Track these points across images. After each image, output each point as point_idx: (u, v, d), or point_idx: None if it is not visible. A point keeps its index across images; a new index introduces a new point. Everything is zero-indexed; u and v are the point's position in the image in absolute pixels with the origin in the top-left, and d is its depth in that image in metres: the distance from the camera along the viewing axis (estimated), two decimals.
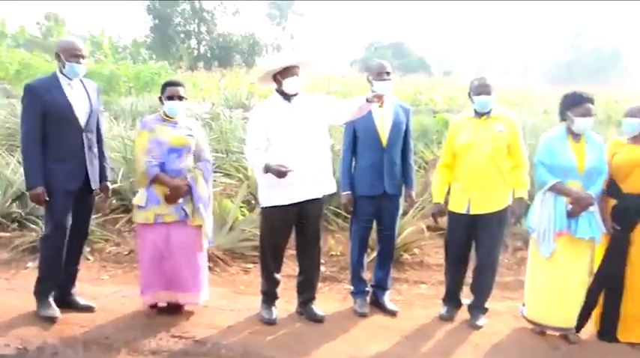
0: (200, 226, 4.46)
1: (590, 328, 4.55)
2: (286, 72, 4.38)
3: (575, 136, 4.41)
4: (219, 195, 6.20)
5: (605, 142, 4.60)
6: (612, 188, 4.41)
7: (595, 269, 4.55)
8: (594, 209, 4.35)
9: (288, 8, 49.12)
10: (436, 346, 4.31)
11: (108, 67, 22.92)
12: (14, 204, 6.14)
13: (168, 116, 4.46)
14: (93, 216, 5.79)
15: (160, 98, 4.48)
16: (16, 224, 6.04)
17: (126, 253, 5.70)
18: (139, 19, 38.60)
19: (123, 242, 5.90)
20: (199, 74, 20.50)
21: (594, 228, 4.35)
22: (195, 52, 36.54)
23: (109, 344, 3.99)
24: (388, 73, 4.74)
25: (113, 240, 5.92)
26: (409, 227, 5.99)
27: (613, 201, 4.40)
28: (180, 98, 4.47)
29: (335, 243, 6.09)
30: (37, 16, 38.14)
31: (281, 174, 4.18)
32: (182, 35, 37.80)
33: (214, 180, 6.55)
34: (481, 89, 4.51)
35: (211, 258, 5.53)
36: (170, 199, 4.37)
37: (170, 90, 4.45)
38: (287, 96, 4.43)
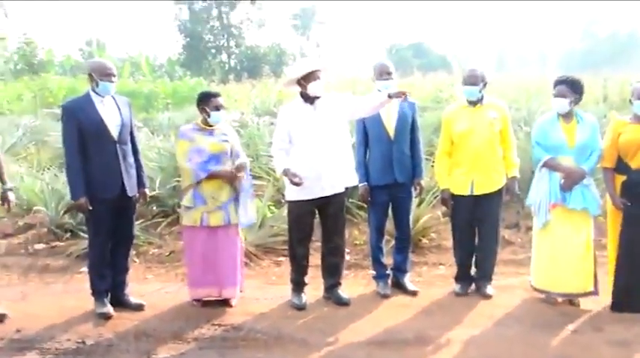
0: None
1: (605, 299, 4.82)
2: (309, 77, 4.77)
3: (566, 117, 4.78)
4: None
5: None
6: (621, 165, 4.70)
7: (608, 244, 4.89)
8: (589, 182, 4.72)
9: (310, 19, 49.97)
10: (453, 319, 4.67)
11: (147, 85, 23.89)
12: (66, 215, 6.69)
13: (205, 125, 4.88)
14: (137, 222, 6.36)
15: (204, 109, 4.85)
16: (69, 233, 6.59)
17: (167, 254, 6.21)
18: (172, 39, 40.10)
19: (164, 244, 6.40)
20: (231, 86, 21.17)
21: (588, 199, 4.71)
22: (227, 65, 37.48)
23: (156, 335, 4.45)
24: (389, 73, 5.13)
25: (155, 243, 6.43)
26: (426, 214, 6.36)
27: (622, 178, 4.69)
28: (223, 107, 4.93)
29: (359, 233, 6.50)
30: (80, 42, 39.87)
31: (293, 183, 4.64)
32: (213, 51, 38.96)
33: None
34: (468, 80, 4.94)
35: (245, 253, 6.01)
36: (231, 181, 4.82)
37: (215, 101, 4.85)
38: (309, 99, 4.83)
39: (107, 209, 4.73)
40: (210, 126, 4.89)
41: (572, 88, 4.76)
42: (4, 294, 5.21)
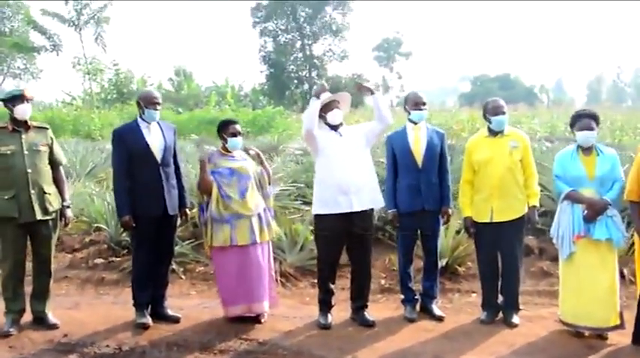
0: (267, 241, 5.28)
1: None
2: (327, 107, 5.12)
3: (585, 151, 4.82)
4: (292, 221, 6.96)
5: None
6: None
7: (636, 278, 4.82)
8: (612, 213, 4.71)
9: (395, 50, 50.37)
10: (473, 345, 4.74)
11: (228, 114, 24.96)
12: (124, 233, 7.14)
13: (227, 150, 5.23)
14: (187, 242, 6.79)
15: (222, 135, 5.23)
16: (126, 250, 7.04)
17: (212, 272, 6.53)
18: (257, 69, 42.09)
19: (211, 263, 6.75)
20: None
21: (612, 229, 4.69)
22: (308, 95, 38.53)
23: (186, 346, 4.76)
24: (424, 104, 5.33)
25: (203, 261, 6.79)
26: (464, 243, 6.42)
27: None
28: (240, 134, 5.27)
29: (395, 258, 6.62)
30: (170, 72, 42.65)
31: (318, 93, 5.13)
32: (295, 81, 40.12)
33: (295, 208, 7.39)
34: (497, 110, 5.07)
35: (283, 274, 6.32)
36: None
37: (232, 129, 5.22)
38: (334, 127, 5.13)
39: (150, 226, 5.10)
40: (231, 151, 5.23)
41: (596, 120, 4.80)
42: (61, 303, 5.68)
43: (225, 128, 5.24)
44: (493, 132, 5.13)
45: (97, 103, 30.22)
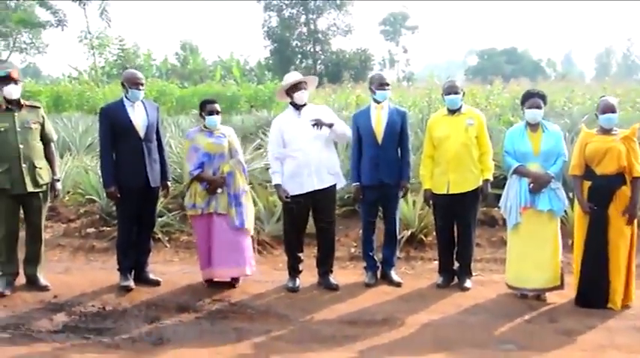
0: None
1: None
2: (295, 87, 5.53)
3: (533, 127, 5.24)
4: (270, 194, 7.40)
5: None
6: (587, 172, 5.08)
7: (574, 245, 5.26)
8: (555, 186, 5.16)
9: (401, 25, 50.11)
10: (426, 305, 5.21)
11: (231, 89, 25.21)
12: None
13: (207, 127, 5.64)
14: (174, 213, 7.25)
15: (201, 114, 5.66)
16: (116, 221, 7.46)
17: (194, 241, 7.01)
18: (261, 44, 42.24)
19: (195, 232, 7.23)
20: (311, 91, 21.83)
21: (554, 201, 5.14)
22: (312, 70, 38.49)
23: (164, 305, 5.25)
24: (388, 84, 5.71)
25: (187, 231, 7.26)
26: (431, 215, 6.83)
27: (589, 183, 5.07)
28: (218, 112, 5.65)
29: None
30: (176, 47, 42.85)
31: (281, 199, 5.51)
32: (299, 56, 40.11)
33: (268, 182, 7.79)
34: (450, 89, 5.47)
35: (261, 243, 6.77)
36: (210, 191, 5.51)
37: (209, 107, 5.61)
38: (297, 107, 5.55)
39: (133, 197, 5.55)
40: (210, 128, 5.63)
41: (543, 99, 5.20)
42: (53, 268, 6.18)
43: (204, 107, 5.64)
44: (451, 111, 5.53)
45: (102, 78, 30.58)
